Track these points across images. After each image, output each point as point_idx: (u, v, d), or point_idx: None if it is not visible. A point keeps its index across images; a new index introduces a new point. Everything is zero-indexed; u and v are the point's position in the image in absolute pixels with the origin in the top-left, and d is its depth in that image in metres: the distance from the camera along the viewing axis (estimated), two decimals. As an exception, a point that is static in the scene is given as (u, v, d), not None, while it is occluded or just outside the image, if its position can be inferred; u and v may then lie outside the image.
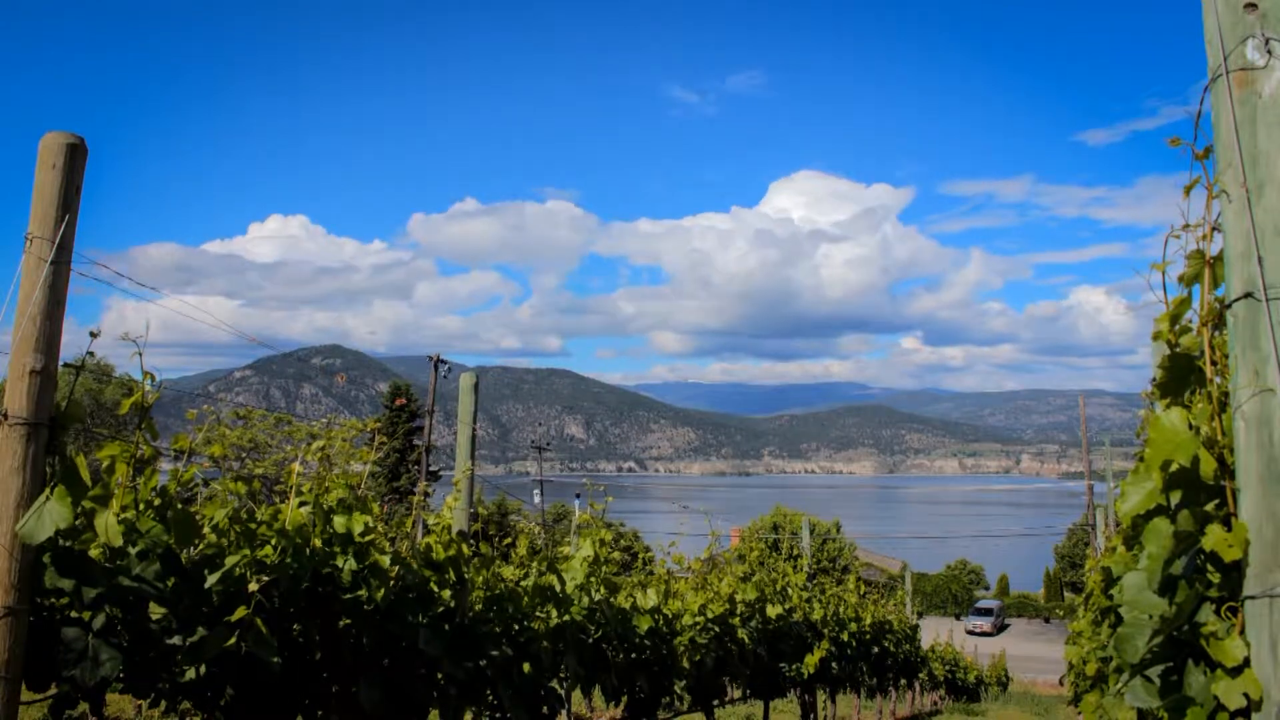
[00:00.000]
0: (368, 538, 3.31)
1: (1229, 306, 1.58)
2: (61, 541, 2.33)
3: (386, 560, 3.44)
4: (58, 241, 2.29)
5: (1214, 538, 1.57)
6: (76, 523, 2.36)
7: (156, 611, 2.55)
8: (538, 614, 4.51)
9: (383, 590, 3.37)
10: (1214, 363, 1.78)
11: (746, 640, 7.04)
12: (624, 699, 5.50)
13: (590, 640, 4.90)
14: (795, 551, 10.55)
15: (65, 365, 2.34)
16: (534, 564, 4.80)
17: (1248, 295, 1.53)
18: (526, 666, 4.28)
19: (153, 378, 2.67)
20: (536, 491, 49.72)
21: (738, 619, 7.03)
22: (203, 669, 2.64)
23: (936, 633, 24.82)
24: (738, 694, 8.45)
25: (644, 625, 5.46)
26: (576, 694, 9.05)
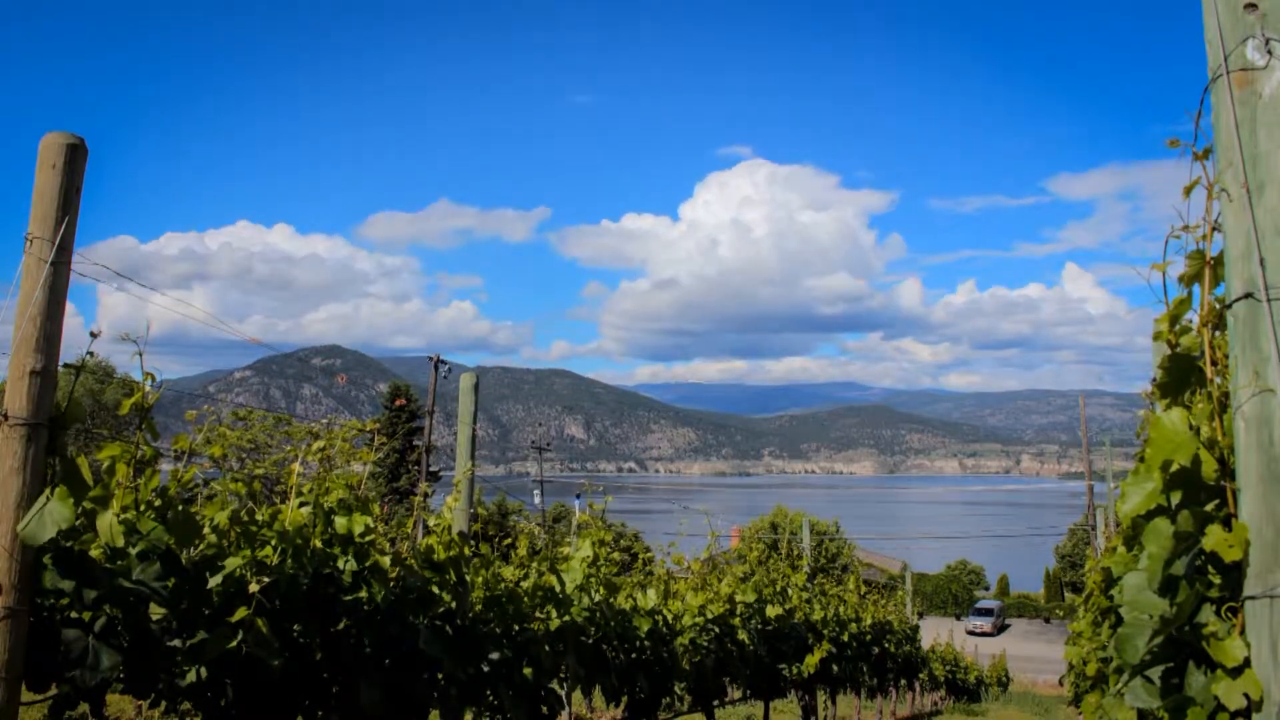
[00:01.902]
0: (368, 538, 3.31)
1: (1229, 307, 1.58)
2: (62, 542, 2.33)
3: (387, 561, 3.44)
4: (58, 242, 2.29)
5: (1214, 538, 1.56)
6: (78, 523, 2.36)
7: (157, 612, 2.55)
8: (538, 615, 4.51)
9: (383, 591, 3.37)
10: (1214, 363, 1.78)
11: (747, 641, 7.03)
12: (624, 700, 5.50)
13: (590, 641, 4.90)
14: (795, 552, 10.54)
15: (65, 366, 2.34)
16: (534, 565, 4.80)
17: (1248, 295, 1.53)
18: (527, 668, 4.28)
19: (153, 378, 2.67)
20: (537, 492, 49.71)
21: (738, 619, 7.02)
22: (203, 671, 2.64)
23: (937, 633, 24.82)
24: (738, 694, 8.44)
25: (644, 626, 5.46)
26: (577, 694, 9.04)
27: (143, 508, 2.58)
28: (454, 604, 3.86)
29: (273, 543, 2.95)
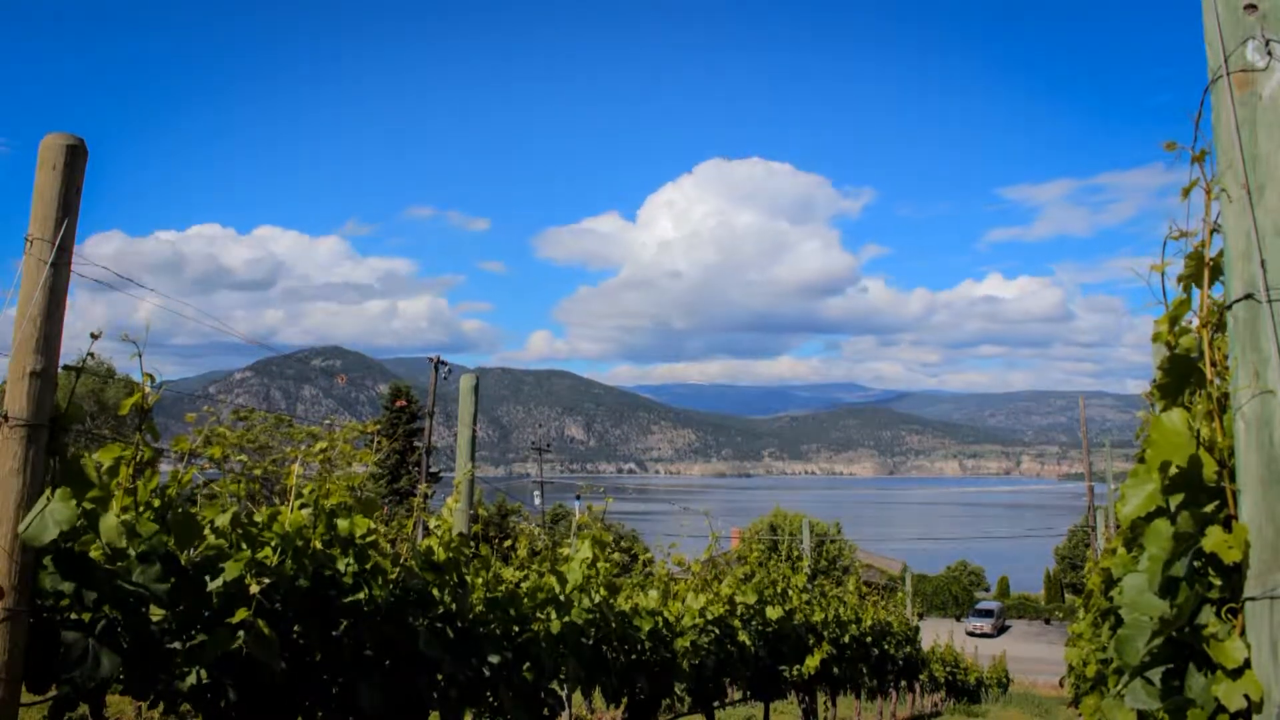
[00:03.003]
0: (369, 540, 3.31)
1: (1229, 308, 1.58)
2: (62, 543, 2.32)
3: (387, 563, 3.44)
4: (58, 243, 2.29)
5: (1214, 539, 1.56)
6: (79, 524, 2.36)
7: (157, 614, 2.55)
8: (538, 616, 4.51)
9: (383, 592, 3.37)
10: (1214, 364, 1.77)
11: (747, 642, 7.03)
12: (624, 701, 5.49)
13: (590, 642, 4.89)
14: (795, 553, 10.54)
15: (65, 367, 2.34)
16: (535, 566, 4.80)
17: (1248, 296, 1.53)
18: (527, 668, 4.28)
19: (153, 379, 2.66)
20: (537, 493, 49.71)
21: (738, 621, 7.02)
22: (203, 673, 2.64)
23: (937, 634, 24.81)
24: (738, 695, 8.44)
25: (645, 627, 5.45)
26: (577, 695, 9.04)
27: (142, 509, 2.57)
28: (454, 605, 3.86)
29: (273, 544, 2.95)
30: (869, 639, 11.65)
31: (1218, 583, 1.64)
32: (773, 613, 7.76)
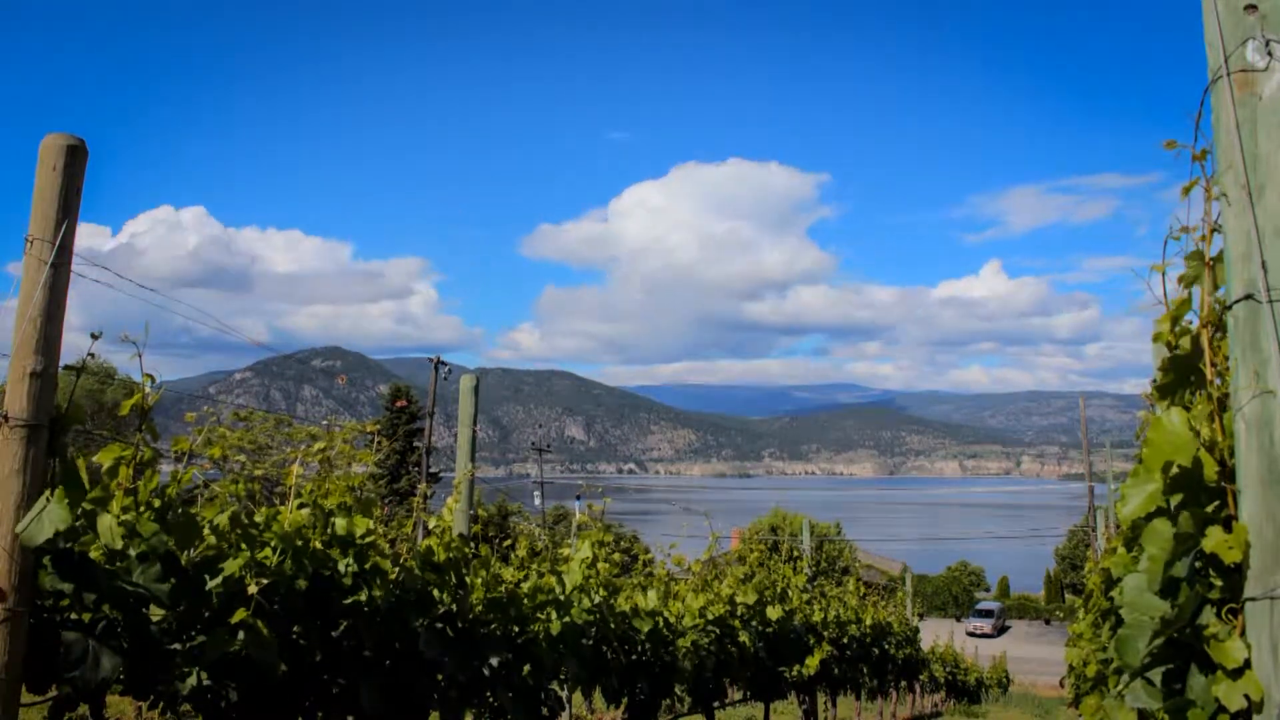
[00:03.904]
0: (369, 540, 3.31)
1: (1229, 308, 1.58)
2: (62, 544, 2.32)
3: (387, 563, 3.44)
4: (58, 243, 2.29)
5: (1214, 540, 1.56)
6: (77, 524, 2.36)
7: (157, 614, 2.55)
8: (538, 616, 4.51)
9: (383, 593, 3.37)
10: (1214, 364, 1.77)
11: (747, 642, 7.03)
12: (624, 701, 5.49)
13: (590, 643, 4.89)
14: (795, 553, 10.54)
15: (66, 367, 2.34)
16: (534, 566, 4.80)
17: (1248, 297, 1.53)
18: (527, 669, 4.28)
19: (153, 379, 2.66)
20: (537, 493, 49.70)
21: (738, 621, 7.02)
22: (204, 675, 2.64)
23: (937, 634, 24.80)
24: (738, 696, 8.44)
25: (645, 628, 5.45)
26: (577, 696, 9.04)
27: (142, 509, 2.57)
28: (454, 606, 3.86)
29: (272, 544, 2.95)
30: (869, 639, 11.65)
31: (1218, 583, 1.64)
32: (773, 613, 7.76)
